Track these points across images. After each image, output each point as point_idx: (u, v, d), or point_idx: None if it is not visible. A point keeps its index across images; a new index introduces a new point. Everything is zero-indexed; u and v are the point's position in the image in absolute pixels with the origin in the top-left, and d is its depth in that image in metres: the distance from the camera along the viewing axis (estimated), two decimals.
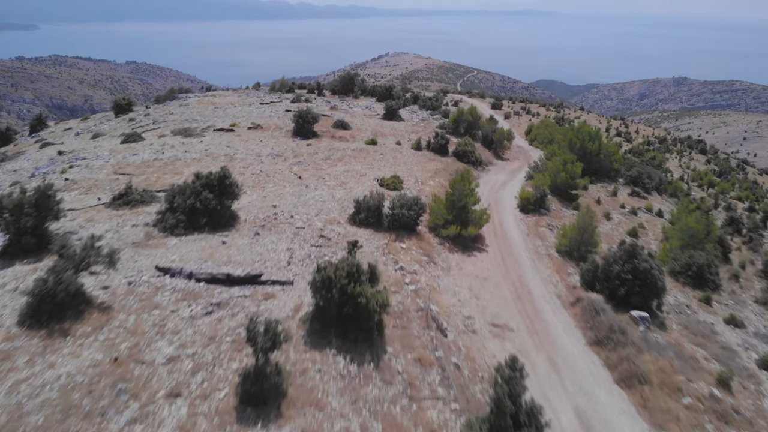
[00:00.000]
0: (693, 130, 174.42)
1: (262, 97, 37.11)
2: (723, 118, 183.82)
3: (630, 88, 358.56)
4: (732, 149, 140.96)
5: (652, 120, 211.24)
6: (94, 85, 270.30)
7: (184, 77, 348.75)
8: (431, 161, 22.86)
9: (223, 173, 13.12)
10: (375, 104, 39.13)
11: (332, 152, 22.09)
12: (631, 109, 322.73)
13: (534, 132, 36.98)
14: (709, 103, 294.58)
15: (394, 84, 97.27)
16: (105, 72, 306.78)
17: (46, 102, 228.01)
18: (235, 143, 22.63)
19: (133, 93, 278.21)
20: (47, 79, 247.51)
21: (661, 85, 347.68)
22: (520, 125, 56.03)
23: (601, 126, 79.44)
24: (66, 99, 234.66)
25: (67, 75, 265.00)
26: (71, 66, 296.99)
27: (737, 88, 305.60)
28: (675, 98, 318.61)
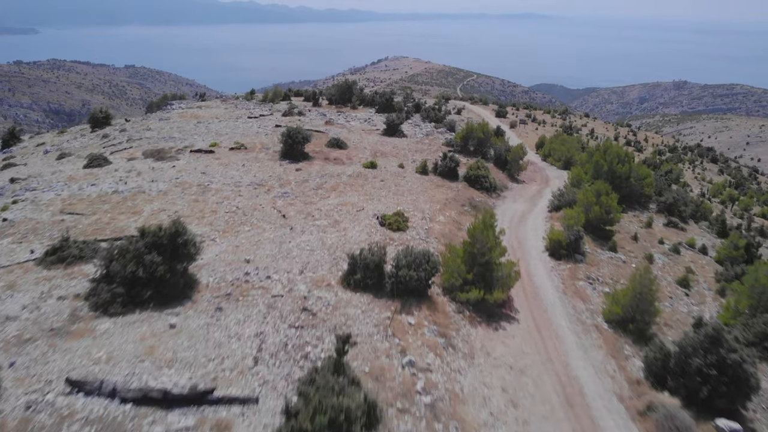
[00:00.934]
0: (695, 134, 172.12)
1: (252, 109, 34.08)
2: (725, 123, 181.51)
3: (630, 92, 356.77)
4: (735, 154, 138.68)
5: (653, 124, 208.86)
6: (92, 89, 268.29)
7: (183, 81, 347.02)
8: (439, 188, 19.79)
9: (176, 229, 10.01)
10: (374, 116, 36.11)
11: (325, 179, 19.01)
12: (632, 113, 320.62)
13: (547, 146, 33.95)
14: (710, 106, 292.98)
15: (394, 90, 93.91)
16: (103, 76, 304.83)
17: (44, 107, 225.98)
18: (213, 169, 19.55)
19: (132, 97, 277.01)
20: (45, 83, 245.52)
21: (662, 88, 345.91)
22: (527, 135, 53.09)
23: (609, 134, 76.55)
24: (63, 103, 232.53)
25: (64, 79, 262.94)
26: (69, 70, 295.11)
27: (738, 92, 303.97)
28: (675, 102, 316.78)
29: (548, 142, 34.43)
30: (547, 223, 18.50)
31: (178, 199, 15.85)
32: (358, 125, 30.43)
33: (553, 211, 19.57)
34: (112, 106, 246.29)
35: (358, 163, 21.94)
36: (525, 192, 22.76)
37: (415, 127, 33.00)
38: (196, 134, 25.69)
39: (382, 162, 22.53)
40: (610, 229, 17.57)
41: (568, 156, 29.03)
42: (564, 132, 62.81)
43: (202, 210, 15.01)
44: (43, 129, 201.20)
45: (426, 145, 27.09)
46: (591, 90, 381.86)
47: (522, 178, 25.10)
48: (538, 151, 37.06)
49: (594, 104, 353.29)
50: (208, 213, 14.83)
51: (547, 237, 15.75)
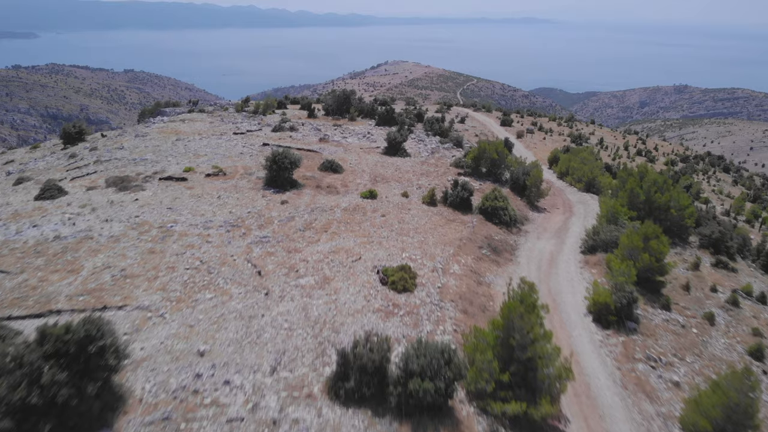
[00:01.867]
0: (698, 139, 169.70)
1: (239, 123, 31.01)
2: (728, 127, 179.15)
3: (630, 96, 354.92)
4: (739, 159, 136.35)
5: (655, 129, 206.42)
6: (90, 94, 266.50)
7: (182, 86, 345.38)
8: (450, 223, 16.70)
9: (89, 332, 6.91)
10: (374, 130, 33.07)
11: (315, 215, 15.91)
12: (632, 117, 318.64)
13: (564, 163, 30.86)
14: (711, 111, 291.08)
15: (394, 97, 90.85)
16: (102, 81, 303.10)
17: (41, 111, 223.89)
18: (182, 202, 16.44)
19: (130, 102, 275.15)
20: (43, 88, 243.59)
21: (662, 93, 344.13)
22: (536, 146, 50.11)
23: (618, 142, 73.61)
24: (61, 108, 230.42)
25: (63, 84, 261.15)
26: (68, 75, 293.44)
27: (739, 96, 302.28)
28: (676, 106, 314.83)
29: (565, 158, 31.35)
30: (582, 269, 15.39)
31: (130, 249, 12.74)
32: (355, 142, 27.37)
33: (587, 252, 16.44)
34: (111, 110, 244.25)
35: (355, 191, 18.86)
36: (549, 224, 19.65)
37: (419, 143, 29.93)
38: (171, 155, 22.60)
39: (382, 189, 19.45)
40: (660, 280, 14.47)
41: (590, 177, 25.94)
42: (573, 142, 59.86)
43: (156, 266, 11.90)
44: (40, 134, 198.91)
45: (432, 166, 24.01)
46: (591, 94, 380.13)
47: (542, 204, 22.00)
48: (553, 167, 34.01)
49: (594, 108, 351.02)
50: (163, 270, 11.71)
51: (589, 296, 12.63)
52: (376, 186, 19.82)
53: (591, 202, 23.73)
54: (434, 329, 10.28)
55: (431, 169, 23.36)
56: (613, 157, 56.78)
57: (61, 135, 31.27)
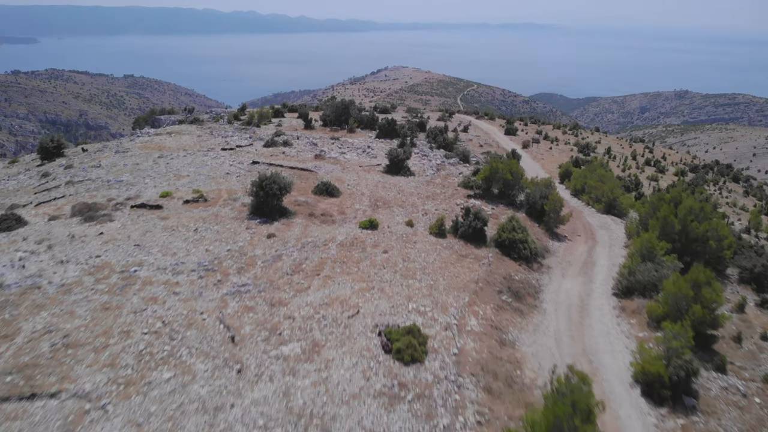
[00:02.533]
0: (699, 145, 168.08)
1: (229, 136, 28.83)
2: (730, 133, 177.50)
3: (631, 102, 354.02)
4: (742, 165, 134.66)
5: (656, 134, 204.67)
6: (89, 99, 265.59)
7: (182, 91, 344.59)
8: (463, 260, 14.51)
9: None
10: (374, 143, 30.94)
11: (306, 253, 13.70)
12: (633, 123, 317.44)
13: (578, 180, 28.69)
14: (712, 116, 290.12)
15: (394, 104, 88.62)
16: (101, 86, 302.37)
17: (40, 117, 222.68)
18: (153, 237, 14.25)
19: (130, 107, 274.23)
20: (42, 93, 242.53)
21: (663, 98, 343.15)
22: (543, 157, 48.02)
23: (625, 151, 71.58)
24: (60, 114, 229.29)
25: (62, 89, 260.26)
26: (68, 80, 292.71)
27: (740, 102, 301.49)
28: (677, 111, 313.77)
29: (579, 174, 29.19)
30: (619, 318, 13.17)
31: (81, 304, 10.53)
32: (354, 158, 25.19)
33: (622, 295, 14.21)
34: (110, 116, 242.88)
35: (354, 219, 16.66)
36: (572, 256, 17.43)
37: (423, 158, 27.77)
38: (150, 176, 20.43)
39: (384, 216, 17.26)
40: (713, 334, 12.25)
41: (610, 197, 23.75)
42: (580, 152, 57.77)
43: (108, 329, 9.68)
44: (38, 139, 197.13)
45: (438, 186, 21.82)
46: (591, 99, 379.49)
47: (561, 230, 19.79)
48: (566, 183, 31.85)
49: (595, 114, 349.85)
50: (116, 336, 9.50)
51: (635, 361, 10.39)
52: (377, 212, 17.64)
53: (614, 227, 21.54)
54: (452, 422, 8.05)
55: (438, 190, 21.17)
56: (623, 168, 54.69)
57: (38, 150, 29.13)
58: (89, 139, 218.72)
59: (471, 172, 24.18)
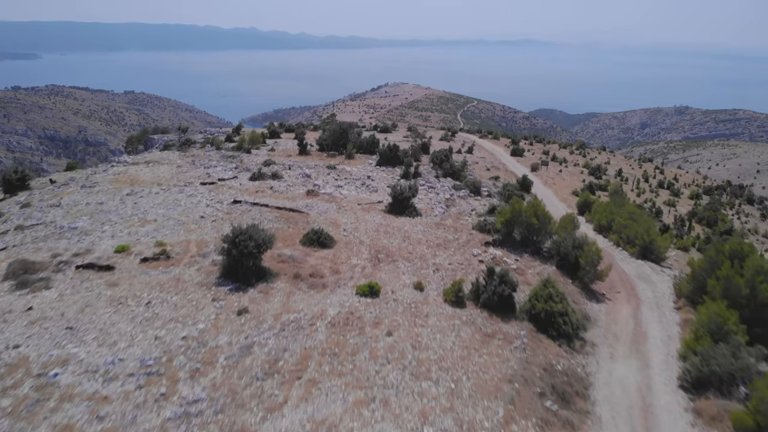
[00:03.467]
0: (702, 161, 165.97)
1: (212, 167, 25.73)
2: (732, 150, 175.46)
3: (631, 117, 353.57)
4: (746, 182, 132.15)
5: (657, 150, 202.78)
6: (89, 115, 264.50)
7: (182, 107, 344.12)
8: (489, 342, 11.31)
9: None
10: (375, 172, 27.91)
11: (285, 340, 10.48)
12: (633, 139, 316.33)
13: (602, 213, 25.60)
14: (713, 132, 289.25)
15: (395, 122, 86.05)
16: (101, 102, 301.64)
17: (39, 133, 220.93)
18: (93, 315, 11.05)
19: (129, 123, 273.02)
20: (41, 109, 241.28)
21: (663, 114, 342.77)
22: (554, 182, 45.01)
23: (635, 172, 68.71)
24: (59, 130, 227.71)
25: (61, 105, 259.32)
26: (68, 96, 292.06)
27: (741, 117, 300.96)
28: (677, 127, 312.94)
29: (604, 208, 26.08)
30: (695, 430, 9.92)
31: None
32: (352, 194, 22.09)
33: (693, 391, 10.97)
34: (110, 132, 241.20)
35: (350, 281, 13.49)
36: (617, 324, 14.20)
37: (430, 190, 24.69)
38: (111, 220, 17.30)
39: (387, 275, 14.10)
40: None
41: (646, 239, 20.59)
42: (591, 174, 54.85)
43: None
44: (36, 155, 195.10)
45: (450, 230, 18.66)
46: (591, 115, 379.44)
47: (598, 286, 16.59)
48: (586, 216, 28.75)
49: (595, 129, 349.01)
50: None
51: None
52: (379, 269, 14.48)
53: (655, 279, 18.36)
54: None
55: (450, 235, 18.01)
56: (637, 192, 51.65)
57: (1, 182, 26.02)
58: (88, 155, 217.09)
59: (486, 210, 21.10)
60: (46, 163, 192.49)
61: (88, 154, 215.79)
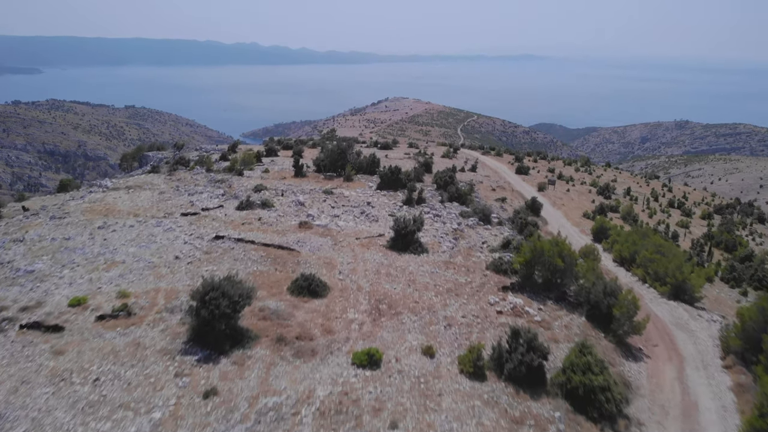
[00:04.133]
0: (704, 176, 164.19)
1: (197, 194, 23.55)
2: (734, 164, 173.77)
3: (631, 132, 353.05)
4: (749, 197, 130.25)
5: (659, 165, 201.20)
6: (89, 130, 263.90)
7: (183, 122, 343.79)
8: (516, 431, 9.08)
9: None
10: (375, 197, 25.77)
11: None
12: (634, 153, 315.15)
13: (624, 244, 23.42)
14: (713, 146, 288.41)
15: (396, 139, 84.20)
16: (102, 117, 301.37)
17: (38, 148, 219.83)
18: (27, 398, 8.79)
19: (130, 138, 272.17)
20: (41, 124, 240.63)
21: (663, 128, 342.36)
22: (563, 203, 42.88)
23: (643, 190, 66.69)
24: (59, 145, 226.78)
25: (61, 120, 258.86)
26: (68, 110, 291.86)
27: (741, 132, 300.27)
28: (678, 141, 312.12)
29: (627, 240, 23.88)
30: None
31: None
32: (350, 225, 19.90)
33: None
34: (110, 147, 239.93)
35: (345, 345, 11.23)
36: (662, 394, 11.91)
37: (435, 219, 22.51)
38: (74, 262, 15.10)
39: (390, 334, 11.86)
40: None
41: (678, 278, 18.34)
42: (600, 194, 52.79)
43: None
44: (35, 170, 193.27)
45: (462, 271, 16.44)
46: (591, 129, 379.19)
47: (633, 339, 14.31)
48: (603, 244, 26.56)
49: (595, 144, 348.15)
50: None
51: None
52: (380, 325, 12.23)
53: (693, 325, 16.10)
54: None
55: (461, 277, 15.78)
56: (649, 212, 49.50)
57: None
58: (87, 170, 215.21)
59: (499, 244, 18.89)
60: (45, 177, 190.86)
61: (88, 168, 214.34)
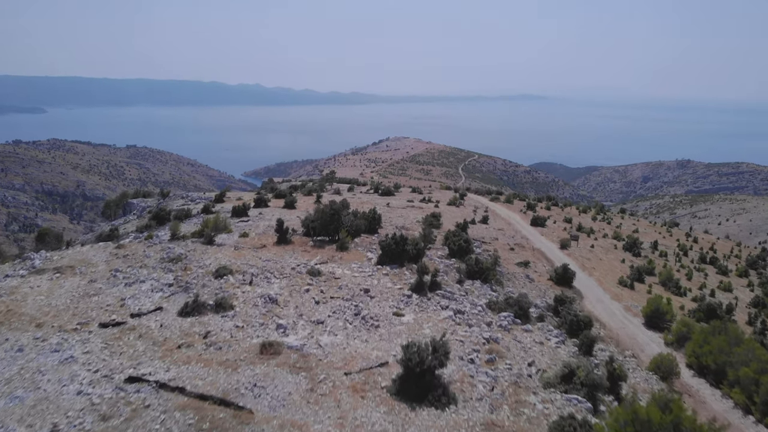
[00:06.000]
0: (711, 217, 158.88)
1: (136, 285, 17.56)
2: (741, 204, 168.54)
3: (633, 171, 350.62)
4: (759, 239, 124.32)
5: (664, 205, 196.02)
6: (88, 170, 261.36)
7: (185, 161, 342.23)
8: None
9: None
10: (375, 277, 19.85)
11: None
12: (636, 192, 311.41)
13: (706, 347, 17.36)
14: (716, 185, 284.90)
15: (399, 184, 78.73)
16: (102, 156, 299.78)
17: (36, 188, 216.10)
18: None
19: (129, 178, 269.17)
20: (40, 164, 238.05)
21: (665, 167, 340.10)
22: (592, 265, 36.84)
23: (667, 241, 60.71)
24: (57, 185, 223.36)
25: (60, 160, 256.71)
26: (68, 150, 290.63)
27: (744, 171, 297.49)
28: (680, 181, 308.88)
29: (705, 338, 17.82)
30: None
31: None
32: (339, 341, 13.82)
33: None
34: (108, 187, 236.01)
35: None
36: None
37: (456, 318, 16.46)
38: None
39: None
40: None
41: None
42: (628, 250, 46.86)
43: None
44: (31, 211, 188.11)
45: None
46: (592, 169, 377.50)
47: None
48: (666, 337, 20.46)
49: (597, 183, 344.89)
50: None
51: None
52: None
53: None
54: None
55: None
56: (686, 273, 43.30)
57: None
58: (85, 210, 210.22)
59: (556, 374, 12.82)
60: (41, 218, 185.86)
61: (86, 209, 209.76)
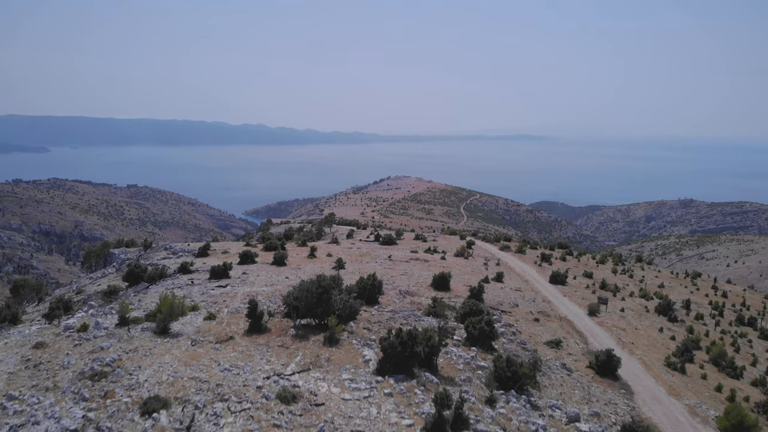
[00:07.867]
0: (719, 258, 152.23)
1: (33, 423, 11.84)
2: (749, 245, 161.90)
3: (635, 210, 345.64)
4: None
5: (670, 246, 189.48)
6: (87, 210, 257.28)
7: (185, 200, 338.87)
8: None
9: None
10: (374, 404, 14.22)
11: None
12: (639, 232, 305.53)
13: None
14: (720, 225, 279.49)
15: (400, 230, 72.91)
16: (102, 196, 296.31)
17: (34, 228, 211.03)
18: None
19: (129, 218, 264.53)
20: (38, 203, 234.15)
21: (668, 207, 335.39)
22: (629, 337, 30.81)
23: (696, 296, 54.64)
24: (55, 225, 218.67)
25: (59, 200, 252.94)
26: (68, 190, 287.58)
27: (748, 210, 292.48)
28: (683, 220, 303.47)
29: None
30: None
31: None
32: None
33: None
34: (107, 227, 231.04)
35: None
36: None
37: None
38: None
39: None
40: None
41: None
42: (661, 314, 40.96)
43: None
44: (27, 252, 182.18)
45: None
46: (595, 208, 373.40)
47: None
48: None
49: (599, 222, 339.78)
50: None
51: None
52: None
53: None
54: None
55: None
56: (733, 344, 37.16)
57: None
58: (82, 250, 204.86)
59: None
60: (37, 259, 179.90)
61: (83, 249, 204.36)
